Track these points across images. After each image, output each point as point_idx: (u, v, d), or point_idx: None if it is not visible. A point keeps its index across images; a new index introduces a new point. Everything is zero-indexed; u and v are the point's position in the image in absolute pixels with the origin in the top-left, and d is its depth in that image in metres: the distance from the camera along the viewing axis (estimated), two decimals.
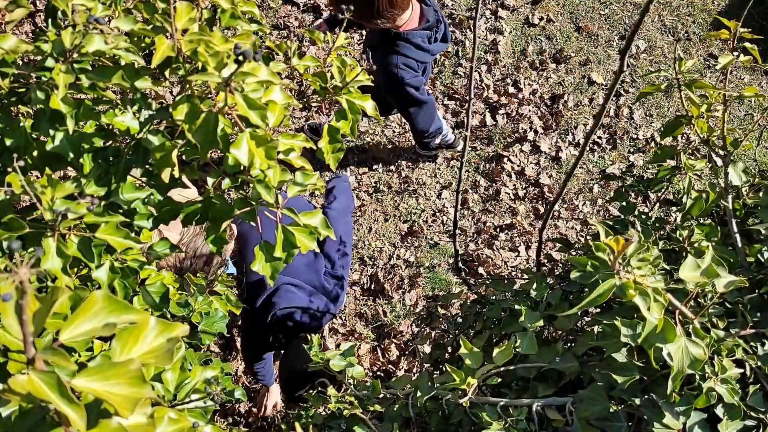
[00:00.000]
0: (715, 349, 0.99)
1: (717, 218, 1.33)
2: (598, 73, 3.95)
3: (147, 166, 1.01)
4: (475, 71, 3.93)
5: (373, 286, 3.42)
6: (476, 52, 1.30)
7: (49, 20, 1.04)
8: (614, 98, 3.93)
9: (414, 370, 3.02)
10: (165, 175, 0.94)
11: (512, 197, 3.68)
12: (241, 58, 0.74)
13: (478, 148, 3.79)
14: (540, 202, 3.68)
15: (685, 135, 3.77)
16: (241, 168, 1.02)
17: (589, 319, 1.26)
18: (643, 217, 1.32)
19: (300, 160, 1.04)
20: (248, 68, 0.81)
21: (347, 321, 3.32)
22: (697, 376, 0.98)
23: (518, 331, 1.27)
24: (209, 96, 0.97)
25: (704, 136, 1.20)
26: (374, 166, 3.70)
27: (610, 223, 1.33)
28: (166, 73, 1.03)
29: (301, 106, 1.11)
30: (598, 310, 1.19)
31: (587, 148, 3.81)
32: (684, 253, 1.17)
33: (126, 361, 0.58)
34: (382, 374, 3.09)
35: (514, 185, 3.72)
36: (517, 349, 1.15)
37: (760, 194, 1.20)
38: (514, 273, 3.49)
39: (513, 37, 4.03)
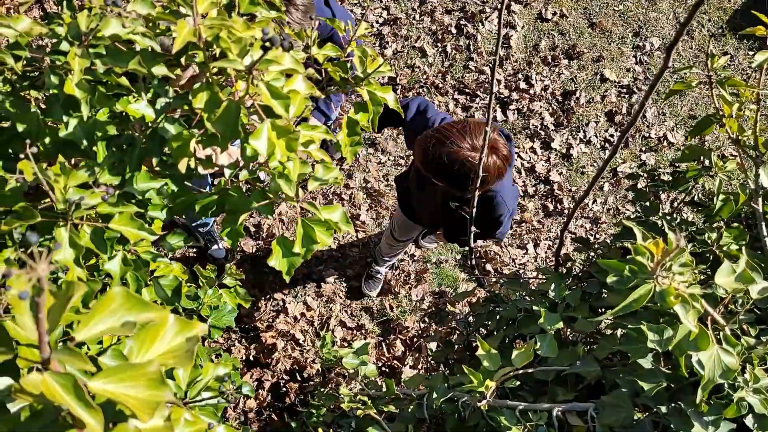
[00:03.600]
0: (746, 358, 0.96)
1: (744, 221, 1.29)
2: (611, 70, 3.90)
3: (163, 156, 0.97)
4: (487, 66, 3.89)
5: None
6: (494, 50, 1.26)
7: (64, 2, 1.00)
8: (627, 96, 3.88)
9: (419, 366, 3.00)
10: (182, 166, 0.90)
11: (522, 194, 3.64)
12: (268, 44, 0.71)
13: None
14: (550, 199, 3.64)
15: (712, 134, 3.72)
16: (259, 159, 0.98)
17: (611, 321, 1.23)
18: (668, 218, 1.28)
19: (320, 153, 1.00)
20: (272, 56, 0.77)
21: (354, 315, 3.30)
22: (727, 385, 0.95)
23: (536, 333, 1.24)
24: (228, 83, 0.94)
25: (735, 135, 1.16)
26: (382, 159, 3.66)
27: (633, 225, 1.29)
28: (182, 59, 1.00)
29: (323, 96, 1.07)
30: (621, 313, 1.15)
31: (599, 146, 3.76)
32: (712, 257, 1.14)
33: (144, 363, 0.55)
34: (387, 370, 3.07)
35: (524, 182, 3.68)
36: (537, 352, 1.12)
37: None
38: (522, 270, 3.45)
39: (525, 32, 3.97)
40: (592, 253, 1.52)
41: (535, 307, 1.30)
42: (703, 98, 3.84)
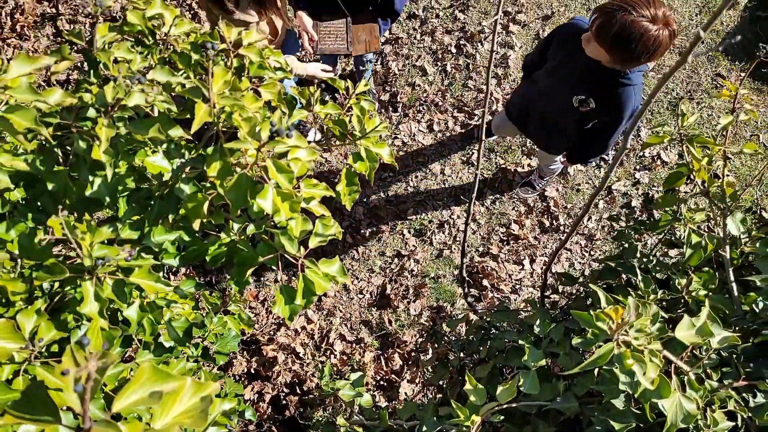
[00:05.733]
0: (709, 400, 1.05)
1: (715, 263, 1.38)
2: None
3: (178, 211, 1.07)
4: (485, 85, 3.98)
5: (379, 296, 3.48)
6: (488, 64, 1.35)
7: (91, 71, 1.10)
8: None
9: (416, 381, 3.09)
10: (196, 225, 1.00)
11: (518, 210, 3.73)
12: (275, 134, 0.80)
13: (486, 160, 3.84)
14: (546, 216, 3.73)
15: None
16: (266, 214, 1.08)
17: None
18: (644, 260, 1.37)
19: (320, 208, 1.10)
20: (278, 139, 0.87)
21: (354, 328, 3.39)
22: (691, 427, 1.04)
23: (521, 366, 1.33)
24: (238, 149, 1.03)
25: (705, 188, 1.25)
26: (383, 175, 3.76)
27: (612, 265, 1.39)
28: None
29: (323, 150, 1.17)
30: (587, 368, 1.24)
31: (594, 164, 3.85)
32: (683, 302, 1.23)
33: (166, 429, 0.64)
34: (385, 384, 3.16)
35: (521, 197, 3.77)
36: (520, 388, 1.21)
37: (757, 244, 1.25)
38: (518, 287, 3.54)
39: (523, 52, 4.06)
40: (578, 287, 1.61)
41: (521, 341, 1.39)
42: (697, 117, 3.92)
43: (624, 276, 1.40)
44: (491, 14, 4.18)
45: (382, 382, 3.16)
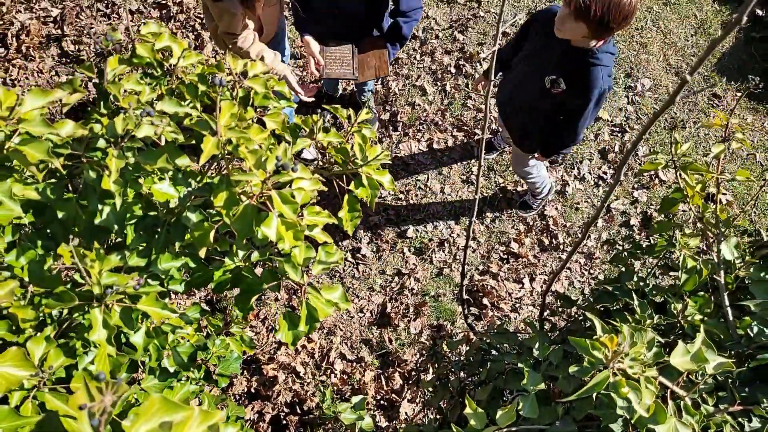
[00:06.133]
0: (705, 425, 1.07)
1: (711, 287, 1.41)
2: (603, 109, 4.04)
3: (184, 239, 1.10)
4: (483, 104, 4.03)
5: (379, 314, 3.50)
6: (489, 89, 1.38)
7: (101, 102, 1.13)
8: (619, 134, 4.01)
9: (417, 401, 3.09)
10: (202, 252, 1.02)
11: (518, 228, 3.76)
12: (280, 168, 0.83)
13: (486, 179, 3.87)
14: (545, 234, 3.75)
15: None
16: (270, 241, 1.11)
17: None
18: (641, 284, 1.40)
19: (323, 235, 1.13)
20: (283, 172, 0.90)
21: (354, 347, 3.40)
22: None
23: (521, 390, 1.35)
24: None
25: (700, 213, 1.28)
26: (383, 194, 3.79)
27: (610, 288, 1.41)
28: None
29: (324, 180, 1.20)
30: (582, 396, 1.26)
31: (592, 183, 3.89)
32: (679, 326, 1.25)
33: None
34: (385, 403, 3.16)
35: (520, 217, 3.80)
36: (520, 412, 1.23)
37: (751, 269, 1.28)
38: (518, 305, 3.56)
39: None
40: (576, 309, 1.63)
41: (520, 364, 1.41)
42: (693, 137, 3.97)
43: (621, 299, 1.43)
44: (490, 35, 4.25)
45: (382, 402, 3.16)
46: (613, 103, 4.07)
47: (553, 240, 3.73)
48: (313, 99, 2.95)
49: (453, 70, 4.12)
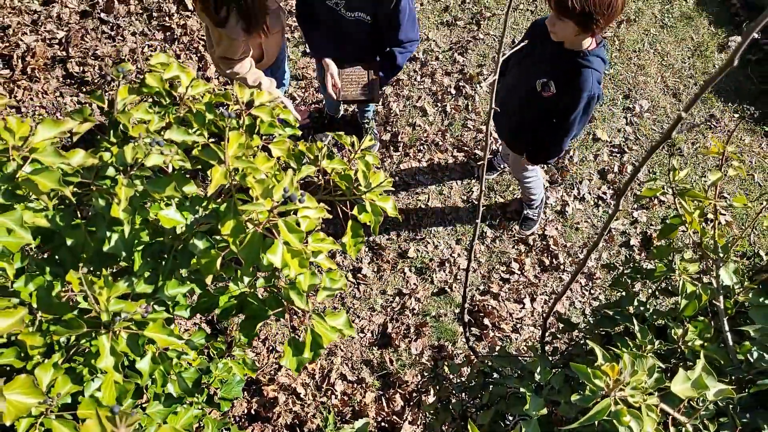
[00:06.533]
0: None
1: (710, 311, 1.42)
2: (602, 130, 4.08)
3: (190, 265, 1.11)
4: (484, 125, 4.07)
5: (380, 335, 3.50)
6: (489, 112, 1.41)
7: (111, 131, 1.16)
8: (618, 155, 4.05)
9: (419, 423, 3.08)
10: (209, 280, 1.04)
11: (518, 249, 3.77)
12: (288, 200, 0.85)
13: (487, 199, 3.90)
14: (546, 255, 3.77)
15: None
16: (274, 268, 1.12)
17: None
18: (642, 309, 1.41)
19: (328, 262, 1.14)
20: (290, 204, 0.92)
21: (355, 368, 3.39)
22: None
23: (522, 414, 1.35)
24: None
25: (698, 239, 1.30)
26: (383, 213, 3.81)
27: (610, 312, 1.42)
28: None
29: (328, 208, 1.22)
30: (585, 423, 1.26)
31: (592, 203, 3.91)
32: (679, 352, 1.26)
33: None
34: (386, 425, 3.14)
35: (520, 237, 3.81)
36: None
37: (750, 294, 1.29)
38: (519, 326, 3.56)
39: None
40: (577, 333, 1.64)
41: (522, 389, 1.41)
42: (692, 157, 4.00)
43: (622, 324, 1.44)
44: (489, 56, 4.30)
45: (383, 424, 3.14)
46: (612, 124, 4.11)
47: (554, 260, 3.75)
48: (308, 120, 3.01)
49: (453, 92, 4.17)
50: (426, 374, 3.22)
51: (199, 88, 1.22)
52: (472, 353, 2.07)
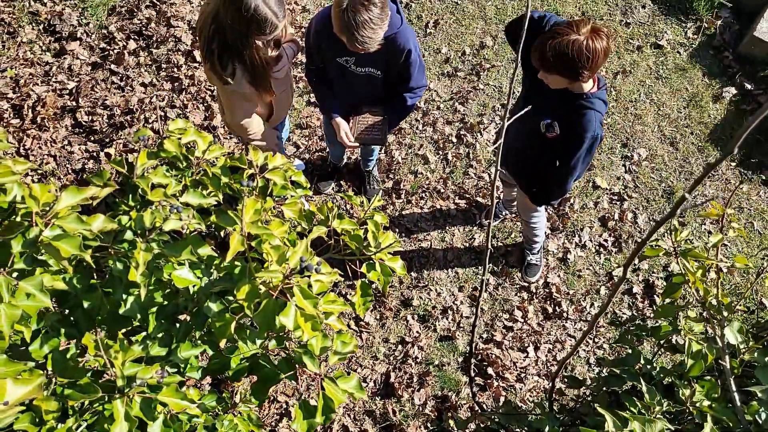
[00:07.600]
0: None
1: (717, 369, 1.42)
2: (602, 178, 4.14)
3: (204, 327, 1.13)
4: (486, 172, 4.14)
5: (383, 384, 3.46)
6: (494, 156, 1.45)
7: (130, 195, 1.20)
8: (618, 203, 4.10)
9: None
10: (222, 343, 1.06)
11: (521, 296, 3.77)
12: (305, 270, 0.88)
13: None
14: (549, 302, 3.77)
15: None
16: (286, 330, 1.14)
17: None
18: (648, 367, 1.42)
19: (338, 323, 1.16)
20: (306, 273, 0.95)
21: (357, 419, 3.34)
22: None
23: None
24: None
25: (702, 298, 1.32)
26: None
27: (617, 371, 1.43)
28: None
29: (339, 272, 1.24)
30: None
31: (594, 251, 3.94)
32: (688, 412, 1.26)
33: None
34: None
35: (523, 284, 3.82)
36: None
37: (756, 354, 1.31)
38: (523, 375, 3.52)
39: None
40: (585, 390, 1.64)
41: None
42: (691, 206, 4.05)
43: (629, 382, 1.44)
44: (489, 106, 4.41)
45: None
46: (611, 172, 4.18)
47: (557, 308, 3.74)
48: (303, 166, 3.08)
49: (454, 140, 4.26)
50: (430, 426, 3.17)
51: (215, 153, 1.27)
52: (477, 407, 2.05)
